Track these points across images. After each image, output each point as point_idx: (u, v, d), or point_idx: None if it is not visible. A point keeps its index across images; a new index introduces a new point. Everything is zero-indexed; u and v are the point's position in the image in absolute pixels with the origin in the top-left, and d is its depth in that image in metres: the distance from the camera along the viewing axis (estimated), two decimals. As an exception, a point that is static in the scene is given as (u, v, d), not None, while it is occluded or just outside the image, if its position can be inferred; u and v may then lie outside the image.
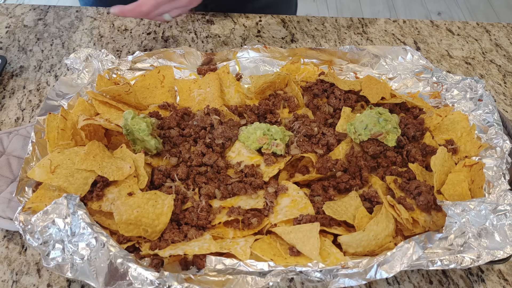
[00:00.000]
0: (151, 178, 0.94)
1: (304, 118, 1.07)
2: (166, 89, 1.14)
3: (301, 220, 0.86)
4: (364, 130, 1.00)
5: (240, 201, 0.91)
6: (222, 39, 1.38)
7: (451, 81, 1.12)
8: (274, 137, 0.98)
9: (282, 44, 1.38)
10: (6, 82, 1.22)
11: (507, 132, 1.02)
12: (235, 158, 1.00)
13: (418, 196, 0.90)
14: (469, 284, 0.87)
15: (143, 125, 0.94)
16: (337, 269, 0.77)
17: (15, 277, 0.85)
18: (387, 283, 0.86)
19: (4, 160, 0.97)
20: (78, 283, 0.84)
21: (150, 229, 0.83)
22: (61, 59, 1.29)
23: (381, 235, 0.83)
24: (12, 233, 0.91)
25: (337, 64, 1.23)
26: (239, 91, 1.16)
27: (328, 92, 1.14)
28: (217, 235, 0.86)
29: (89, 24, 1.41)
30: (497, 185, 0.88)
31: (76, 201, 0.80)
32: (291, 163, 1.02)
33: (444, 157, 0.94)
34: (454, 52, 1.39)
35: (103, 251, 0.76)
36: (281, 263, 0.80)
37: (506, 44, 1.43)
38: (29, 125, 1.05)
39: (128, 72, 1.18)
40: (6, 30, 1.38)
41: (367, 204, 0.91)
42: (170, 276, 0.74)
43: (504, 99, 1.25)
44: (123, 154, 0.94)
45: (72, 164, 0.87)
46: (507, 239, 0.79)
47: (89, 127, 0.97)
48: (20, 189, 0.87)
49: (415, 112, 1.10)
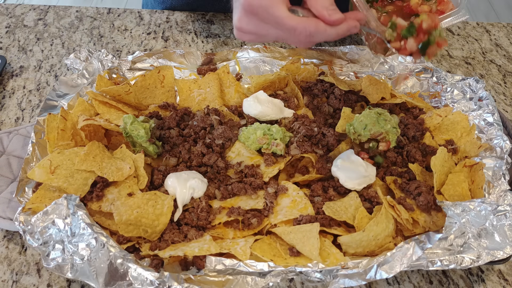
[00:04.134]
0: (151, 179, 0.94)
1: (304, 118, 1.07)
2: (166, 89, 1.14)
3: (301, 220, 0.86)
4: (364, 130, 1.00)
5: (240, 201, 0.91)
6: (222, 39, 1.38)
7: (451, 81, 1.12)
8: (274, 137, 0.98)
9: (282, 44, 1.38)
10: (6, 82, 1.22)
11: (507, 132, 1.02)
12: (235, 158, 1.00)
13: (418, 197, 0.90)
14: (469, 284, 0.87)
15: (141, 131, 0.94)
16: (337, 269, 0.77)
17: (15, 277, 0.85)
18: (387, 283, 0.86)
19: (4, 160, 0.97)
20: (78, 283, 0.84)
21: (150, 230, 0.84)
22: (61, 59, 1.29)
23: (381, 236, 0.83)
24: (12, 233, 0.91)
25: (337, 64, 1.23)
26: (239, 91, 1.16)
27: (328, 92, 1.14)
28: (217, 235, 0.86)
29: (89, 24, 1.41)
30: (497, 186, 0.88)
31: (76, 202, 0.80)
32: (291, 163, 1.02)
33: (444, 157, 0.94)
34: (454, 52, 1.39)
35: (103, 252, 0.76)
36: (281, 263, 0.80)
37: (506, 44, 1.43)
38: (29, 125, 1.05)
39: (128, 72, 1.18)
40: (6, 30, 1.38)
41: (367, 205, 0.91)
42: (170, 277, 0.74)
43: (504, 99, 1.25)
44: (123, 154, 0.94)
45: (72, 164, 0.87)
46: (507, 240, 0.79)
47: (89, 127, 0.97)
48: (20, 190, 0.87)
49: (415, 112, 1.10)
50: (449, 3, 0.94)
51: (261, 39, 0.86)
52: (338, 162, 0.96)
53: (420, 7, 0.96)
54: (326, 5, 0.79)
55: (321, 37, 0.81)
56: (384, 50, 1.00)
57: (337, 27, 0.81)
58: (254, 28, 0.83)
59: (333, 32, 0.81)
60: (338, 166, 0.95)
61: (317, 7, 0.79)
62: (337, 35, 0.82)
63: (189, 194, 0.89)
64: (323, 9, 0.79)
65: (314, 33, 0.79)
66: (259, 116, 1.05)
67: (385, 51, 1.00)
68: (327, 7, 0.79)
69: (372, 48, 1.03)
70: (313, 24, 0.79)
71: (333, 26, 0.80)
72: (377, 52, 1.02)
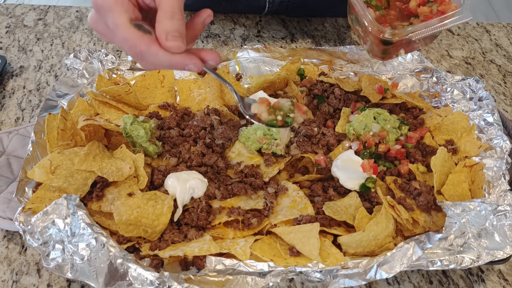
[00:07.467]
0: (151, 178, 0.94)
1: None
2: (166, 89, 1.14)
3: (301, 220, 0.86)
4: (364, 130, 1.00)
5: (240, 201, 0.91)
6: (222, 39, 1.38)
7: (451, 81, 1.12)
8: (274, 137, 0.98)
9: (282, 44, 1.38)
10: (6, 82, 1.22)
11: (507, 132, 1.02)
12: (235, 158, 1.00)
13: (418, 197, 0.90)
14: (469, 284, 0.87)
15: (141, 131, 0.94)
16: (337, 269, 0.77)
17: (15, 277, 0.85)
18: (387, 283, 0.86)
19: (4, 160, 0.97)
20: (78, 283, 0.84)
21: (150, 230, 0.83)
22: (61, 59, 1.29)
23: (381, 236, 0.83)
24: (12, 233, 0.91)
25: (337, 64, 1.23)
26: (239, 91, 1.16)
27: (328, 92, 1.13)
28: (217, 235, 0.86)
29: (89, 24, 1.41)
30: (497, 186, 0.88)
31: (76, 202, 0.80)
32: (291, 163, 1.02)
33: (444, 158, 0.94)
34: (454, 52, 1.39)
35: (103, 252, 0.76)
36: (281, 263, 0.80)
37: (506, 44, 1.43)
38: (29, 125, 1.05)
39: (128, 72, 1.18)
40: (6, 30, 1.38)
41: (367, 205, 0.91)
42: (170, 277, 0.74)
43: (504, 99, 1.25)
44: (123, 154, 0.94)
45: (72, 164, 0.87)
46: (507, 240, 0.79)
47: (89, 127, 0.97)
48: (20, 190, 0.87)
49: (415, 112, 1.10)
50: (451, 3, 0.93)
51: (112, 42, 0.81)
52: (338, 162, 0.96)
53: (420, 8, 0.95)
54: (169, 30, 0.71)
55: (152, 59, 0.73)
56: (381, 53, 0.99)
57: (172, 55, 0.73)
58: (101, 29, 0.78)
59: (165, 59, 0.73)
60: (338, 166, 0.95)
61: (158, 29, 0.72)
62: (169, 64, 0.74)
63: (189, 194, 0.89)
64: (162, 32, 0.71)
65: (144, 53, 0.72)
66: None
67: (382, 54, 1.00)
68: (168, 31, 0.71)
69: (370, 51, 1.02)
70: (146, 43, 0.72)
71: (167, 52, 0.73)
72: (375, 55, 1.02)
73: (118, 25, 0.72)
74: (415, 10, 0.96)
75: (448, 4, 0.93)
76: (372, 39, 0.96)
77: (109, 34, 0.76)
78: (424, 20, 0.93)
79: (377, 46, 0.97)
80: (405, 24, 0.97)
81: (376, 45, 0.97)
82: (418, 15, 0.96)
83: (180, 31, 0.73)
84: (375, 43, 0.96)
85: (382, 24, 0.93)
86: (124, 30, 0.72)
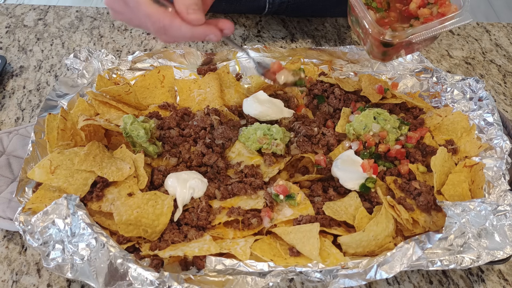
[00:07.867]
0: (151, 178, 0.94)
1: (304, 118, 1.07)
2: (166, 89, 1.14)
3: (301, 220, 0.86)
4: (364, 130, 1.00)
5: (240, 201, 0.91)
6: (222, 39, 1.38)
7: (451, 81, 1.12)
8: (274, 137, 0.98)
9: (282, 44, 1.38)
10: (6, 82, 1.22)
11: (507, 132, 1.02)
12: (235, 158, 1.00)
13: (418, 197, 0.90)
14: (469, 284, 0.87)
15: (141, 131, 0.94)
16: (337, 269, 0.77)
17: (15, 277, 0.85)
18: (387, 283, 0.86)
19: (4, 160, 0.97)
20: (78, 283, 0.84)
21: (150, 230, 0.83)
22: (61, 59, 1.29)
23: (381, 236, 0.83)
24: (12, 233, 0.91)
25: (337, 64, 1.23)
26: (239, 91, 1.16)
27: (328, 92, 1.13)
28: (217, 235, 0.86)
29: (89, 24, 1.41)
30: (497, 186, 0.88)
31: (76, 202, 0.80)
32: (291, 163, 1.02)
33: (444, 157, 0.94)
34: (454, 52, 1.39)
35: (103, 252, 0.76)
36: (281, 263, 0.80)
37: (506, 44, 1.43)
38: (29, 125, 1.05)
39: (128, 72, 1.18)
40: (6, 30, 1.38)
41: (367, 205, 0.91)
42: (170, 277, 0.74)
43: (504, 99, 1.25)
44: (123, 154, 0.94)
45: (72, 164, 0.87)
46: (507, 240, 0.79)
47: (89, 127, 0.97)
48: (20, 190, 0.87)
49: (415, 112, 1.10)
50: (451, 5, 0.93)
51: (130, 22, 0.85)
52: (338, 162, 0.96)
53: (420, 10, 0.95)
54: (188, 3, 0.77)
55: (175, 33, 0.79)
56: (382, 55, 0.99)
57: (194, 28, 0.79)
58: (118, 7, 0.82)
59: (188, 31, 0.79)
60: (338, 166, 0.95)
61: (178, 3, 0.78)
62: (192, 35, 0.80)
63: (189, 194, 0.89)
64: (183, 6, 0.77)
65: (168, 27, 0.78)
66: (259, 116, 1.05)
67: (382, 55, 1.00)
68: (188, 5, 0.77)
69: (370, 52, 1.02)
70: (169, 18, 0.78)
71: (189, 25, 0.78)
72: (375, 57, 1.02)
73: (140, 2, 0.77)
74: (415, 12, 0.96)
75: (448, 6, 0.93)
76: (372, 41, 0.96)
77: (128, 12, 0.81)
78: (424, 22, 0.93)
79: (377, 47, 0.97)
80: (405, 26, 0.97)
81: (376, 47, 0.97)
82: (418, 17, 0.96)
83: (199, 4, 0.79)
84: (375, 45, 0.96)
85: (383, 26, 0.93)
86: (147, 6, 0.77)
